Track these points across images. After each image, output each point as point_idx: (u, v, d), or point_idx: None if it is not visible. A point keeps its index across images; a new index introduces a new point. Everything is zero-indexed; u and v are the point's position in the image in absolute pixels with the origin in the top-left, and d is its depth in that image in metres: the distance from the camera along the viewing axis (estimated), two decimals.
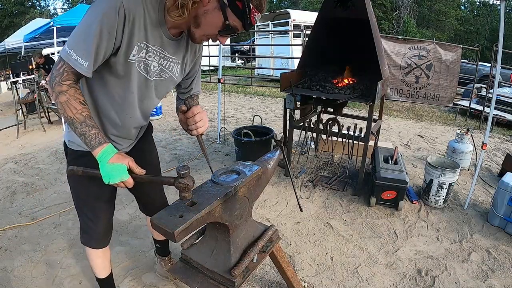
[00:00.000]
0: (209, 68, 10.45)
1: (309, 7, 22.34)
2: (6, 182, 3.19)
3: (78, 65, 0.97)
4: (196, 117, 1.15)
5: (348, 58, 3.20)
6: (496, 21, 23.54)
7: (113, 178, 1.00)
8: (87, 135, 1.00)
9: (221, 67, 4.38)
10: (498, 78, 2.63)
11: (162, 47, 1.13)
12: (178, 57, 1.21)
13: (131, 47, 1.04)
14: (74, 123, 1.00)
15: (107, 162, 0.99)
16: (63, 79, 0.98)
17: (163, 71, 1.20)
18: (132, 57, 1.06)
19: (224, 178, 1.15)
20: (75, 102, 0.99)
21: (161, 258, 1.89)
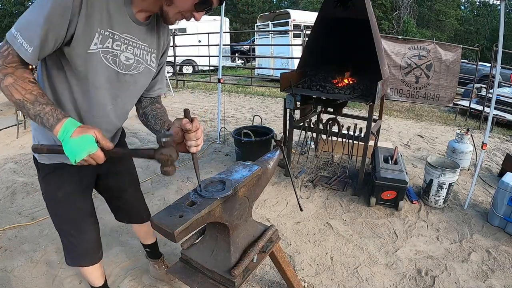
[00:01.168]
0: (209, 68, 10.45)
1: (309, 7, 22.36)
2: (6, 182, 3.19)
3: (22, 49, 0.86)
4: (198, 132, 0.97)
5: (348, 58, 3.20)
6: (496, 21, 23.53)
7: (79, 153, 0.85)
8: (42, 115, 0.87)
9: (221, 67, 4.38)
10: (498, 78, 2.63)
11: (131, 34, 1.02)
12: (150, 45, 1.11)
13: (91, 34, 0.92)
14: (25, 106, 0.88)
15: (69, 138, 0.86)
16: (8, 62, 0.88)
17: (139, 63, 1.09)
18: (93, 46, 0.94)
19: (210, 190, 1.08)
20: (23, 82, 0.88)
21: (154, 261, 1.85)
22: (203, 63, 11.20)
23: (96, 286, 1.53)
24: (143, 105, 1.26)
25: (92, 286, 1.53)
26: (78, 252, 1.32)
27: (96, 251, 1.38)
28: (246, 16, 26.79)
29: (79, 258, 1.34)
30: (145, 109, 1.24)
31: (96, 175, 1.35)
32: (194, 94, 8.26)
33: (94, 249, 1.36)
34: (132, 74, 1.09)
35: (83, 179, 1.26)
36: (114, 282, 1.90)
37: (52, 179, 1.20)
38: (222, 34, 4.19)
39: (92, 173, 1.32)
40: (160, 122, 1.14)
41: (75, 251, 1.32)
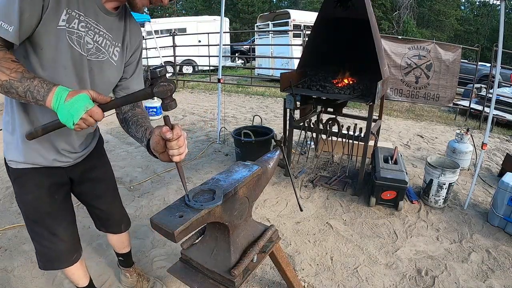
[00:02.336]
0: (209, 68, 10.45)
1: (309, 7, 22.37)
2: (6, 182, 3.19)
3: (2, 30, 0.85)
4: (180, 141, 0.90)
5: (348, 58, 3.20)
6: (496, 21, 23.53)
7: (76, 113, 0.83)
8: (32, 88, 0.85)
9: (221, 67, 4.38)
10: (498, 78, 2.63)
11: (96, 20, 1.00)
12: (115, 37, 1.08)
13: (59, 11, 0.91)
14: (12, 85, 0.85)
15: (64, 102, 0.83)
16: None
17: (99, 50, 1.05)
18: (61, 22, 0.92)
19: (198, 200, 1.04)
20: (6, 62, 0.85)
21: (126, 269, 1.82)
22: (203, 63, 11.20)
23: (80, 286, 1.51)
24: (122, 109, 1.20)
25: (76, 286, 1.52)
26: (51, 256, 1.29)
27: (70, 254, 1.35)
28: (246, 16, 26.79)
29: (52, 262, 1.31)
30: (125, 114, 1.18)
31: (69, 178, 1.31)
32: (194, 94, 8.26)
33: (67, 252, 1.33)
34: (91, 60, 1.05)
35: (53, 182, 1.23)
36: (114, 282, 1.90)
37: (21, 183, 1.18)
38: (222, 34, 4.19)
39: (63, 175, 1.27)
40: (142, 129, 1.08)
41: (48, 254, 1.29)
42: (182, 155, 0.93)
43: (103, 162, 1.47)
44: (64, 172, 1.27)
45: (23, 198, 1.20)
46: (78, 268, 1.44)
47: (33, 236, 1.27)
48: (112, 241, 1.69)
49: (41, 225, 1.24)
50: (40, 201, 1.20)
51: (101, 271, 1.97)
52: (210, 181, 1.15)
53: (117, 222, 1.58)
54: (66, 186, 1.32)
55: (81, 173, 1.34)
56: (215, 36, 9.20)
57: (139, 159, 3.77)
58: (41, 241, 1.27)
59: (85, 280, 1.52)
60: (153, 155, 0.98)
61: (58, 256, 1.31)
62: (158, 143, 0.91)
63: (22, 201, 1.21)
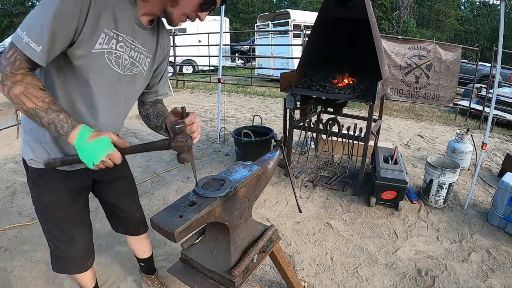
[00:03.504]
0: (209, 68, 10.45)
1: (309, 7, 22.38)
2: (6, 182, 3.19)
3: (29, 49, 0.82)
4: (193, 127, 0.97)
5: (348, 58, 3.20)
6: (496, 21, 23.54)
7: (97, 155, 0.86)
8: (56, 122, 0.86)
9: (221, 67, 4.38)
10: (498, 78, 2.63)
11: (133, 36, 1.01)
12: (148, 50, 1.10)
13: (97, 34, 0.90)
14: (38, 114, 0.85)
15: (86, 142, 0.86)
16: (16, 68, 0.84)
17: (133, 65, 1.07)
18: (98, 45, 0.92)
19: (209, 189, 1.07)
20: (34, 90, 0.84)
21: (147, 276, 1.78)
22: (203, 63, 11.20)
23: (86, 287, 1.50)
24: (145, 107, 1.26)
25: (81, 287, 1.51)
26: (66, 260, 1.28)
27: (85, 259, 1.34)
28: (246, 16, 26.79)
29: (66, 266, 1.30)
30: (147, 110, 1.25)
31: (92, 180, 1.31)
32: (194, 94, 8.26)
33: (83, 257, 1.32)
34: (126, 75, 1.08)
35: (75, 185, 1.21)
36: (114, 282, 1.90)
37: (41, 184, 1.16)
38: (222, 34, 4.19)
39: (86, 179, 1.26)
40: (162, 118, 1.14)
41: (63, 258, 1.27)
42: (194, 140, 0.98)
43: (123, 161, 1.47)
44: (88, 174, 1.24)
45: (42, 200, 1.18)
46: (89, 272, 1.42)
47: (49, 237, 1.25)
48: (133, 244, 1.64)
49: (58, 228, 1.22)
50: (60, 204, 1.18)
51: (101, 271, 1.96)
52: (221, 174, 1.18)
53: (136, 223, 1.54)
54: (87, 190, 1.31)
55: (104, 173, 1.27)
56: (215, 36, 9.19)
57: (139, 159, 3.77)
58: (57, 244, 1.24)
59: (93, 282, 1.51)
60: None
61: (74, 261, 1.30)
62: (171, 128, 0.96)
63: (41, 203, 1.18)
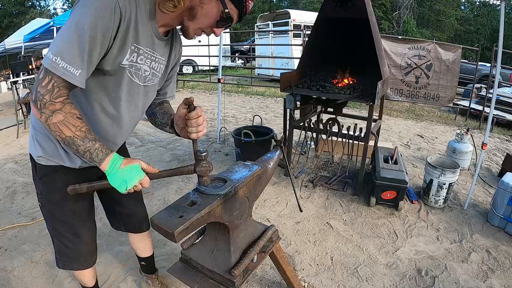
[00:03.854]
0: (209, 68, 10.45)
1: (309, 7, 22.35)
2: (6, 182, 3.19)
3: (68, 74, 0.83)
4: (199, 119, 1.01)
5: (348, 58, 3.20)
6: (496, 21, 23.53)
7: (130, 181, 0.94)
8: (92, 151, 0.92)
9: (221, 67, 4.38)
10: (498, 78, 2.63)
11: (153, 48, 1.05)
12: (165, 58, 1.15)
13: (125, 50, 0.95)
14: (75, 142, 0.90)
15: (118, 169, 0.94)
16: (55, 96, 0.85)
17: (154, 75, 1.12)
18: (125, 61, 0.97)
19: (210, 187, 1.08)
20: (72, 119, 0.88)
21: (148, 276, 1.79)
22: (203, 63, 11.20)
23: (87, 286, 1.51)
24: (152, 107, 1.29)
25: (83, 286, 1.52)
26: (71, 256, 1.30)
27: (90, 256, 1.36)
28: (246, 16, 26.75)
29: (71, 262, 1.32)
30: (154, 109, 1.27)
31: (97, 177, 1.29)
32: (194, 94, 8.25)
33: (88, 253, 1.34)
34: (146, 85, 1.12)
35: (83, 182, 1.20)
36: (114, 282, 1.90)
37: (50, 181, 1.18)
38: (222, 34, 4.19)
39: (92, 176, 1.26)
40: (167, 116, 1.18)
41: (68, 254, 1.30)
42: (200, 134, 1.03)
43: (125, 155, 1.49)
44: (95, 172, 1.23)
45: (50, 197, 1.20)
46: (90, 270, 1.44)
47: (54, 234, 1.28)
48: (135, 243, 1.65)
49: (65, 225, 1.24)
50: (68, 200, 1.19)
51: (101, 270, 1.96)
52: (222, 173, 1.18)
53: (140, 221, 1.55)
54: None
55: None
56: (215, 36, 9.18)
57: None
58: (63, 240, 1.27)
59: (93, 281, 1.52)
60: (175, 133, 1.13)
61: (78, 257, 1.32)
62: (179, 117, 1.05)
63: (49, 199, 1.21)
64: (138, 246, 1.67)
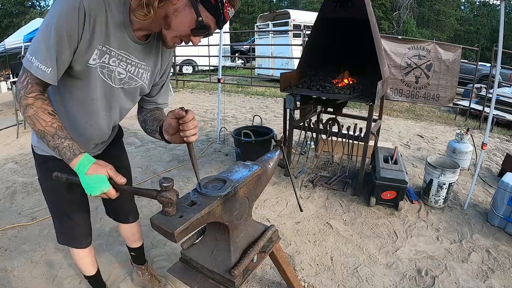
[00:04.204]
0: (209, 68, 10.45)
1: (309, 7, 22.37)
2: (6, 182, 3.19)
3: (40, 72, 0.90)
4: (190, 124, 0.99)
5: (348, 58, 3.20)
6: (496, 21, 23.53)
7: (94, 191, 0.94)
8: (60, 148, 0.93)
9: (221, 67, 4.38)
10: (498, 78, 2.63)
11: (127, 51, 1.05)
12: (148, 63, 1.14)
13: (91, 50, 0.96)
14: (45, 137, 0.94)
15: (85, 174, 0.93)
16: (28, 92, 0.92)
17: (132, 79, 1.12)
18: (92, 61, 0.98)
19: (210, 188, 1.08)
20: (44, 114, 0.93)
21: (138, 266, 1.84)
22: (203, 63, 11.20)
23: (88, 275, 1.58)
24: (143, 113, 1.30)
25: (84, 275, 1.59)
26: (68, 234, 1.42)
27: (84, 236, 1.46)
28: (246, 16, 26.80)
29: (68, 239, 1.43)
30: (145, 116, 1.28)
31: None
32: (194, 94, 8.26)
33: (82, 234, 1.44)
34: (123, 88, 1.13)
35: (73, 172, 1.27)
36: (114, 282, 1.90)
37: (44, 169, 1.27)
38: (222, 34, 4.19)
39: None
40: (157, 122, 1.18)
41: (66, 232, 1.41)
42: (192, 138, 1.01)
43: (121, 153, 1.53)
44: None
45: (45, 183, 1.31)
46: (87, 255, 1.52)
47: (54, 215, 1.40)
48: (124, 232, 1.73)
49: (60, 208, 1.36)
50: (59, 187, 1.27)
51: (101, 270, 1.94)
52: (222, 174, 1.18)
53: (126, 213, 1.64)
54: None
55: None
56: (215, 36, 9.18)
57: (139, 159, 3.77)
58: (61, 221, 1.39)
59: (93, 269, 1.58)
60: (164, 140, 1.10)
61: (74, 236, 1.43)
62: (170, 125, 1.02)
63: (45, 185, 1.32)
64: (127, 236, 1.74)
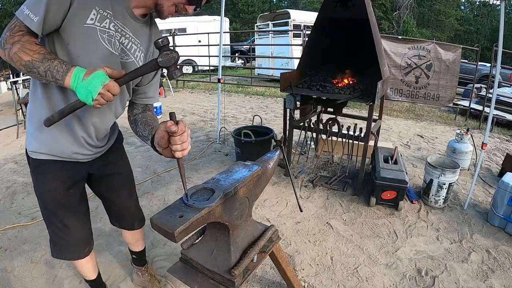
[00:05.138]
0: (209, 68, 10.45)
1: (309, 7, 22.38)
2: (6, 182, 3.19)
3: (27, 19, 0.91)
4: (183, 136, 0.92)
5: (348, 58, 3.20)
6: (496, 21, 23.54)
7: (94, 89, 0.87)
8: (52, 68, 0.90)
9: (221, 67, 4.38)
10: (498, 78, 2.63)
11: (123, 23, 1.04)
12: (141, 42, 1.12)
13: (87, 9, 0.95)
14: (34, 65, 0.91)
15: (81, 81, 0.88)
16: (14, 32, 0.92)
17: (124, 52, 1.09)
18: (90, 21, 0.96)
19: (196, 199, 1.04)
20: (30, 45, 0.91)
21: (138, 268, 1.84)
22: (203, 63, 11.20)
23: (88, 279, 1.56)
24: (134, 112, 1.27)
25: (84, 279, 1.58)
26: (63, 246, 1.34)
27: (81, 246, 1.39)
28: (246, 16, 26.79)
29: (63, 252, 1.36)
30: (136, 116, 1.24)
31: (88, 174, 1.35)
32: (194, 94, 8.25)
33: (78, 244, 1.37)
34: (123, 62, 1.10)
35: (70, 176, 1.26)
36: (114, 282, 1.90)
37: (39, 173, 1.23)
38: (222, 34, 4.19)
39: (81, 172, 1.30)
40: (149, 128, 1.12)
41: (60, 244, 1.34)
42: (185, 151, 0.94)
43: (121, 157, 1.50)
44: (83, 168, 1.30)
45: (40, 188, 1.25)
46: (87, 262, 1.47)
47: (48, 224, 1.32)
48: (127, 237, 1.71)
49: (55, 215, 1.29)
50: (55, 192, 1.24)
51: (101, 271, 1.94)
52: (210, 181, 1.15)
53: (131, 219, 1.59)
54: (82, 182, 1.35)
55: (100, 168, 1.36)
56: (215, 36, 9.21)
57: (139, 159, 3.77)
58: (55, 230, 1.31)
59: (94, 274, 1.56)
60: (157, 151, 1.01)
61: (69, 247, 1.35)
62: (162, 138, 0.94)
63: (40, 191, 1.26)
64: (130, 241, 1.73)
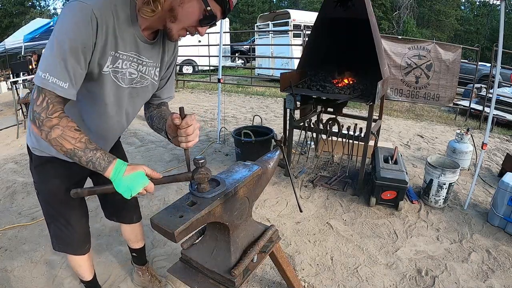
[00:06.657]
0: (209, 68, 10.45)
1: (309, 7, 22.39)
2: (6, 182, 3.19)
3: (58, 88, 0.88)
4: (189, 129, 0.98)
5: (348, 58, 3.20)
6: (496, 21, 23.55)
7: (135, 188, 0.94)
8: (94, 160, 0.93)
9: (221, 67, 4.38)
10: (498, 78, 2.63)
11: (137, 52, 1.06)
12: (155, 61, 1.15)
13: (105, 57, 0.97)
14: (76, 154, 0.92)
15: (122, 176, 0.94)
16: (50, 113, 0.89)
17: (143, 78, 1.13)
18: (106, 68, 0.99)
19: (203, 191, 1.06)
20: (71, 132, 0.91)
21: (138, 267, 1.84)
22: (203, 63, 11.19)
23: (85, 280, 1.57)
24: (150, 109, 1.30)
25: (81, 280, 1.58)
26: (64, 240, 1.37)
27: (82, 244, 1.42)
28: (246, 16, 26.81)
29: (65, 245, 1.39)
30: (152, 112, 1.28)
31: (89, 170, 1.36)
32: (194, 94, 8.25)
33: (79, 241, 1.40)
34: (134, 87, 1.13)
35: (73, 174, 1.27)
36: (114, 282, 1.90)
37: (42, 171, 1.24)
38: (222, 34, 4.19)
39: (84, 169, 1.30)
40: (163, 121, 1.17)
41: (62, 238, 1.36)
42: (189, 143, 1.01)
43: (121, 153, 1.52)
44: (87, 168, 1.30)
45: (43, 185, 1.27)
46: (85, 261, 1.50)
47: (49, 220, 1.35)
48: (126, 234, 1.71)
49: (57, 211, 1.31)
50: (57, 190, 1.25)
51: (101, 271, 1.96)
52: None
53: (130, 212, 1.62)
54: (84, 180, 1.37)
55: None
56: (215, 36, 9.20)
57: (139, 159, 3.77)
58: (58, 224, 1.33)
59: (90, 275, 1.57)
60: (169, 140, 1.10)
61: (71, 243, 1.38)
62: (169, 127, 1.04)
63: (42, 188, 1.28)
64: (129, 237, 1.73)
